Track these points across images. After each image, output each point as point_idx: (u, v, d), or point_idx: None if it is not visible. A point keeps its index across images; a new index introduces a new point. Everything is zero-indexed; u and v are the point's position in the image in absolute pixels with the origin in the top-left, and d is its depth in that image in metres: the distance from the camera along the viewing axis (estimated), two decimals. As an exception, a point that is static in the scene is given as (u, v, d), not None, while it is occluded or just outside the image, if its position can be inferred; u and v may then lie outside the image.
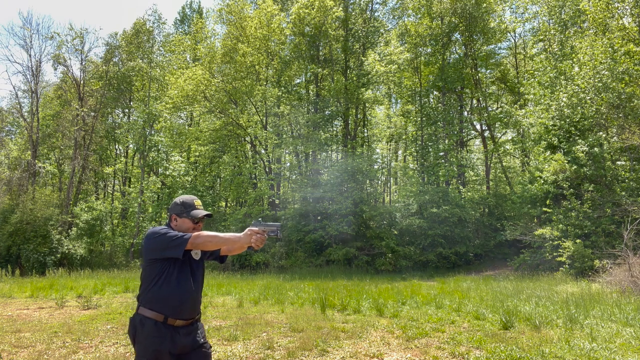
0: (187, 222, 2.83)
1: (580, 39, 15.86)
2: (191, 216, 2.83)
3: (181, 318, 2.70)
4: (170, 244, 2.59)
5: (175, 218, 2.85)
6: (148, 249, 2.68)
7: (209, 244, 2.62)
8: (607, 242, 14.34)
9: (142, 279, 2.75)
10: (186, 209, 2.83)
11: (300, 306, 9.20)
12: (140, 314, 2.68)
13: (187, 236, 2.60)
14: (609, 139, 16.10)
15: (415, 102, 27.76)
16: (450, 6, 23.86)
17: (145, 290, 2.70)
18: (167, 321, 2.65)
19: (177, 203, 2.86)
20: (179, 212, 2.83)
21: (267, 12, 24.57)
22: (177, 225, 2.83)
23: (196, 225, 2.84)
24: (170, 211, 2.87)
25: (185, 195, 2.97)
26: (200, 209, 2.88)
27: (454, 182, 25.35)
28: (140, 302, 2.70)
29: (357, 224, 22.36)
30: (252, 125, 24.90)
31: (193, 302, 2.75)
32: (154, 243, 2.65)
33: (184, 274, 2.74)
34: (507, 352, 5.25)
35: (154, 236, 2.66)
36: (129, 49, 28.35)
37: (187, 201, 2.86)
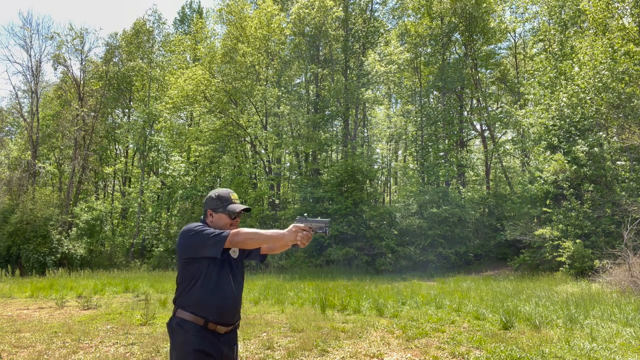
0: (223, 217, 2.62)
1: (580, 39, 15.86)
2: (228, 211, 2.61)
3: (222, 323, 2.49)
4: (207, 242, 2.40)
5: (211, 213, 2.63)
6: (183, 248, 2.49)
7: (250, 241, 2.43)
8: (607, 242, 14.34)
9: (179, 281, 2.55)
10: (222, 203, 2.62)
11: (300, 306, 9.20)
12: (177, 317, 2.48)
13: (225, 233, 2.41)
14: (609, 139, 16.10)
15: (415, 102, 27.77)
16: (450, 6, 23.86)
17: (182, 292, 2.50)
18: (207, 326, 2.45)
19: (212, 197, 2.66)
20: (215, 206, 2.62)
21: (267, 12, 24.57)
22: (213, 222, 2.62)
23: (233, 221, 2.63)
24: (205, 206, 2.68)
25: (221, 188, 2.75)
26: (238, 203, 2.68)
27: (454, 182, 25.35)
28: (178, 304, 2.51)
29: (357, 224, 22.36)
30: (252, 125, 24.90)
31: (234, 305, 2.56)
32: (189, 241, 2.47)
33: (223, 274, 2.54)
34: (507, 352, 5.25)
35: (189, 234, 2.47)
36: (129, 49, 28.37)
37: (223, 195, 2.65)
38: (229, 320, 2.54)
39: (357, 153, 25.05)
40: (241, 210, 2.61)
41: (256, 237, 2.43)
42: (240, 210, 2.62)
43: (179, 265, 2.56)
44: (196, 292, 2.46)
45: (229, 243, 2.40)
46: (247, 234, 2.41)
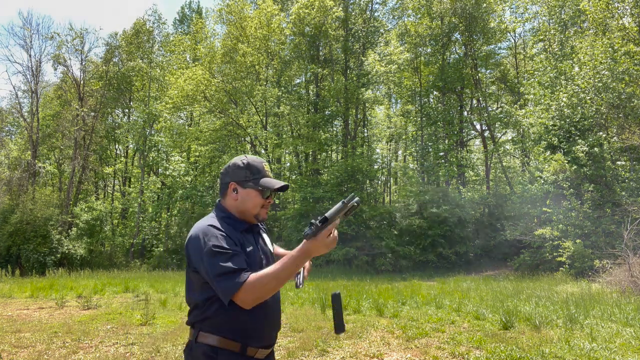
0: (253, 195, 1.92)
1: (580, 39, 15.87)
2: (262, 186, 1.92)
3: (263, 345, 1.90)
4: (215, 279, 1.72)
5: (235, 188, 1.93)
6: (194, 260, 1.82)
7: (268, 292, 1.74)
8: (607, 242, 14.33)
9: (196, 293, 1.85)
10: (254, 175, 1.93)
11: (300, 306, 9.21)
12: (202, 343, 1.82)
13: (240, 281, 1.69)
14: (609, 139, 16.10)
15: (415, 102, 27.77)
16: (450, 6, 23.86)
17: (205, 309, 1.82)
18: (245, 352, 1.84)
19: (239, 165, 1.94)
20: (243, 178, 1.92)
21: (267, 12, 24.58)
22: (238, 201, 1.93)
23: (266, 202, 1.96)
24: (227, 177, 1.95)
25: (250, 155, 2.03)
26: (272, 177, 2.01)
27: (454, 182, 25.36)
28: (200, 325, 1.84)
29: (357, 224, 22.36)
30: (252, 125, 24.91)
31: (278, 316, 1.99)
32: (196, 258, 1.80)
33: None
34: (507, 352, 5.25)
35: (197, 248, 1.78)
36: (129, 49, 28.39)
37: (254, 164, 1.95)
38: (270, 340, 1.93)
39: (357, 153, 25.05)
40: (279, 187, 1.93)
41: (274, 282, 1.72)
42: (278, 188, 1.93)
43: (191, 271, 1.86)
44: (229, 310, 1.79)
45: (239, 299, 1.72)
46: (265, 283, 1.71)
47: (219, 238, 1.78)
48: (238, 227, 1.91)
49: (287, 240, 22.50)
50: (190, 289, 1.89)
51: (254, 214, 1.95)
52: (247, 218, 1.96)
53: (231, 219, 1.93)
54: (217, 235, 1.78)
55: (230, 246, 1.77)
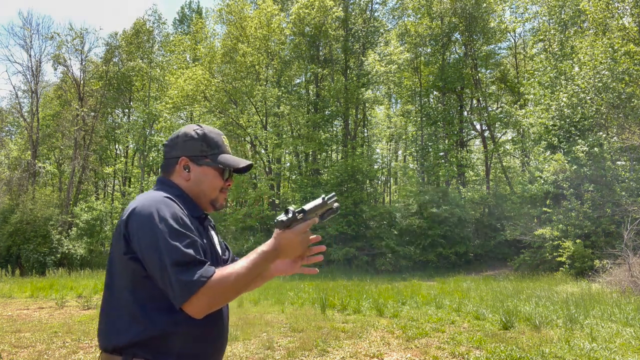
0: (211, 174, 1.53)
1: (580, 39, 15.86)
2: (222, 164, 1.53)
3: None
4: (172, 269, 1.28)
5: (187, 165, 1.52)
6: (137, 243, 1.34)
7: (229, 297, 1.35)
8: (607, 242, 14.33)
9: (127, 290, 1.35)
10: (212, 150, 1.54)
11: (300, 306, 9.20)
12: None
13: (205, 275, 1.28)
14: (609, 139, 16.09)
15: (415, 102, 27.77)
16: (450, 6, 23.86)
17: (149, 322, 1.33)
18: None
19: (192, 137, 1.53)
20: (198, 152, 1.52)
21: (267, 12, 24.58)
22: (190, 182, 1.52)
23: (225, 185, 1.58)
24: (178, 150, 1.53)
25: (205, 125, 1.61)
26: (230, 152, 1.63)
27: (454, 182, 25.35)
28: (135, 352, 1.33)
29: (357, 224, 22.36)
30: (252, 125, 24.91)
31: (227, 330, 1.59)
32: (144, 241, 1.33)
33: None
34: (507, 352, 5.25)
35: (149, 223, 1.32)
36: (129, 49, 28.39)
37: (212, 136, 1.56)
38: (221, 355, 1.55)
39: (357, 153, 25.05)
40: (243, 167, 1.56)
41: (239, 285, 1.34)
42: (242, 167, 1.56)
43: (115, 260, 1.39)
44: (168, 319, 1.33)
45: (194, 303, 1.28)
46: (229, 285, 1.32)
47: (180, 215, 1.35)
48: (194, 212, 1.48)
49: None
50: (117, 287, 1.37)
51: (210, 199, 1.54)
52: (200, 204, 1.54)
53: (186, 199, 1.49)
54: (177, 212, 1.35)
55: (192, 232, 1.35)
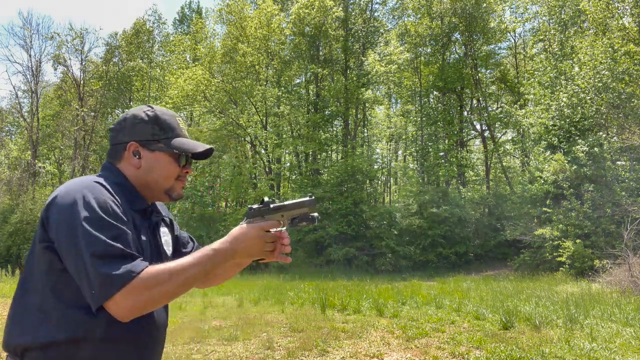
0: (164, 160, 1.36)
1: (580, 39, 15.87)
2: (177, 148, 1.35)
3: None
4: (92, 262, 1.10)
5: (138, 151, 1.34)
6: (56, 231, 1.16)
7: (161, 299, 1.16)
8: (607, 242, 14.33)
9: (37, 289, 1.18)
10: (165, 133, 1.36)
11: (300, 306, 9.20)
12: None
13: (133, 270, 1.11)
14: (609, 139, 16.09)
15: (415, 102, 27.77)
16: (450, 6, 23.86)
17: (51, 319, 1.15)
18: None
19: (142, 119, 1.35)
20: (149, 136, 1.35)
21: (267, 12, 24.59)
22: (142, 169, 1.34)
23: (182, 172, 1.40)
24: (126, 135, 1.35)
25: (155, 105, 1.44)
26: (187, 135, 1.44)
27: (454, 182, 25.35)
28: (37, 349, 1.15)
29: (357, 224, 22.36)
30: (252, 125, 24.92)
31: (162, 342, 1.39)
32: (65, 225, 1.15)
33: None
34: (507, 352, 5.25)
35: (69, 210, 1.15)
36: (129, 49, 28.41)
37: (165, 118, 1.38)
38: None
39: (357, 153, 25.05)
40: (202, 151, 1.38)
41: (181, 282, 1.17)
42: (200, 153, 1.39)
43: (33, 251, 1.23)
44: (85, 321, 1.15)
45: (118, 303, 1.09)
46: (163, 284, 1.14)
47: (110, 203, 1.18)
48: (135, 204, 1.31)
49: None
50: (30, 280, 1.20)
51: (165, 189, 1.37)
52: (153, 195, 1.37)
53: (128, 188, 1.32)
54: (106, 199, 1.18)
55: (123, 224, 1.18)
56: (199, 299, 10.49)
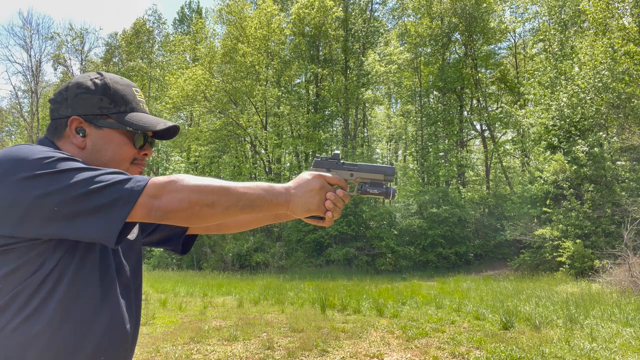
0: (116, 140, 1.13)
1: (580, 39, 15.88)
2: (131, 125, 1.12)
3: None
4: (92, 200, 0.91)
5: (82, 127, 1.10)
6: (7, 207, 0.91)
7: (208, 208, 0.97)
8: (607, 242, 14.34)
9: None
10: (117, 106, 1.12)
11: (300, 306, 9.20)
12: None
13: (139, 184, 0.94)
14: (609, 139, 16.11)
15: (415, 102, 27.78)
16: (450, 6, 23.87)
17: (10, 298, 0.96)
18: None
19: (88, 88, 1.11)
20: (97, 110, 1.11)
21: (267, 12, 24.59)
22: (87, 150, 1.11)
23: (139, 156, 1.17)
24: (68, 108, 1.10)
25: (105, 72, 1.19)
26: (147, 110, 1.20)
27: (454, 182, 25.36)
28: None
29: (357, 224, 22.37)
30: (252, 125, 24.92)
31: (128, 350, 1.16)
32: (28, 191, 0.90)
33: (106, 282, 1.07)
34: (507, 352, 5.25)
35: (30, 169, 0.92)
36: (129, 49, 28.43)
37: (118, 87, 1.14)
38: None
39: (357, 153, 25.05)
40: (164, 129, 1.15)
41: (225, 195, 0.99)
42: (162, 131, 1.16)
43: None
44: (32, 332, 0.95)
45: (151, 209, 0.94)
46: (202, 188, 0.97)
47: (59, 153, 0.96)
48: None
49: (287, 240, 22.51)
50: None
51: None
52: None
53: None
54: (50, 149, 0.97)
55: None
56: (199, 299, 10.49)
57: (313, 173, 1.12)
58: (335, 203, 1.11)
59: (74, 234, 0.94)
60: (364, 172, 1.18)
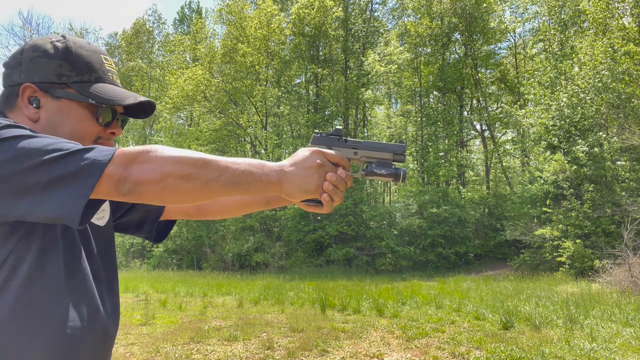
0: (76, 113, 0.97)
1: (580, 39, 15.88)
2: (92, 96, 0.97)
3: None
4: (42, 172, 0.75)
5: (36, 96, 0.95)
6: None
7: (185, 182, 0.81)
8: (607, 242, 14.34)
9: None
10: (79, 73, 0.97)
11: (300, 306, 9.20)
12: None
13: (105, 151, 0.79)
14: (609, 139, 16.11)
15: (415, 102, 27.78)
16: (450, 6, 23.88)
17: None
18: None
19: (46, 52, 0.96)
20: (54, 77, 0.95)
21: (267, 12, 24.59)
22: (41, 123, 0.95)
23: (105, 133, 1.03)
24: (21, 73, 0.96)
25: (69, 35, 1.02)
26: (118, 84, 1.05)
27: (454, 182, 25.36)
28: None
29: (357, 224, 22.37)
30: (252, 125, 24.92)
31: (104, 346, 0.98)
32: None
33: (73, 274, 0.92)
34: (507, 352, 5.25)
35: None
36: (129, 49, 28.43)
37: (80, 53, 0.98)
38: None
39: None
40: (134, 103, 0.99)
41: (204, 168, 0.83)
42: (133, 106, 1.06)
43: None
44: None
45: (119, 181, 0.78)
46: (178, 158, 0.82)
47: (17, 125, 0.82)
48: None
49: (287, 240, 22.49)
50: None
51: None
52: None
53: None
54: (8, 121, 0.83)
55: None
56: (199, 299, 10.49)
57: (312, 149, 0.95)
58: (336, 185, 0.95)
59: (27, 214, 0.77)
60: (370, 150, 1.04)
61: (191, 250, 23.12)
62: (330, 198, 0.95)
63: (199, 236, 22.83)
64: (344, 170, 0.98)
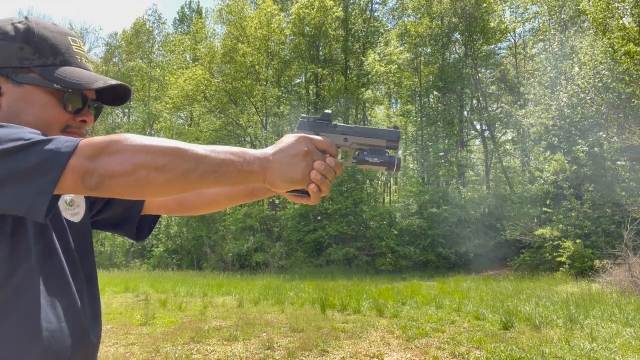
0: (40, 99, 0.89)
1: (580, 39, 15.88)
2: (57, 80, 0.88)
3: None
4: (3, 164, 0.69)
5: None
6: None
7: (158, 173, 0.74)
8: (607, 242, 14.35)
9: None
10: (44, 57, 0.89)
11: (300, 306, 9.20)
12: None
13: (67, 142, 0.72)
14: (609, 138, 16.10)
15: (415, 102, 27.78)
16: (450, 6, 23.88)
17: None
18: None
19: (5, 34, 0.88)
20: (16, 61, 0.88)
21: (267, 12, 24.60)
22: (1, 113, 0.87)
23: (76, 121, 0.94)
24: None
25: (33, 17, 0.93)
26: (88, 67, 0.95)
27: (454, 182, 25.36)
28: None
29: (357, 224, 22.37)
30: (252, 125, 24.92)
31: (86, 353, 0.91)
32: None
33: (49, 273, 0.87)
34: (507, 352, 5.25)
35: None
36: (129, 48, 28.44)
37: (44, 34, 0.90)
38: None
39: (357, 153, 25.04)
40: (105, 87, 0.91)
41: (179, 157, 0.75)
42: (105, 88, 0.93)
43: None
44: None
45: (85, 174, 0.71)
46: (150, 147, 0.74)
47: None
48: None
49: (287, 240, 22.49)
50: None
51: None
52: None
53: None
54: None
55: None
56: (199, 299, 10.49)
57: (298, 135, 0.87)
58: (324, 174, 0.87)
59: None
60: (361, 137, 0.95)
61: (191, 250, 23.13)
62: (318, 188, 0.87)
63: (199, 236, 22.84)
64: (332, 158, 0.90)
